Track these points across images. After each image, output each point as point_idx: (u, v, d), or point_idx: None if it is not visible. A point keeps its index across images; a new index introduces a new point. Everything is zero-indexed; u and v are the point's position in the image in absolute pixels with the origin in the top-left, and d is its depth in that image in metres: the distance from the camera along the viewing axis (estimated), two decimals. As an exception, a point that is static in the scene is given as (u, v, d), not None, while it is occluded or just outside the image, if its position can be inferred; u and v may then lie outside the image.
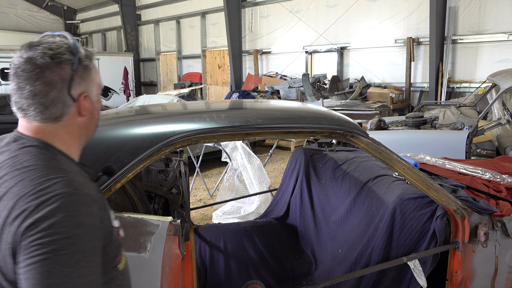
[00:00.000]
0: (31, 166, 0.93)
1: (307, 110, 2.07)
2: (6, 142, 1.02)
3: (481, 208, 2.01)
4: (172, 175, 2.69)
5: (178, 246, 1.64)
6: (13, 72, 0.99)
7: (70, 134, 1.05)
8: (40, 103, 0.98)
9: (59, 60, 0.98)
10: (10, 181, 0.92)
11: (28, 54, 0.97)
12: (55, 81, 0.97)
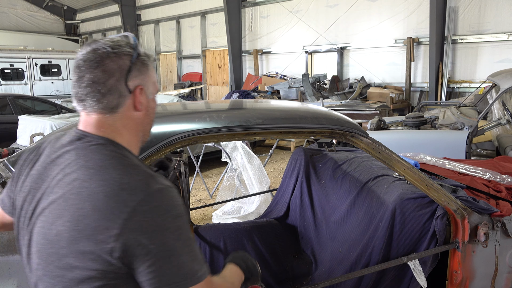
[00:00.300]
0: (108, 165, 0.96)
1: (307, 110, 2.07)
2: (69, 141, 1.04)
3: (481, 208, 2.01)
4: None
5: (178, 246, 1.64)
6: (75, 65, 1.03)
7: (127, 128, 1.07)
8: (98, 91, 1.01)
9: (118, 51, 1.02)
10: (89, 181, 0.94)
11: (91, 46, 1.02)
12: (113, 70, 1.01)
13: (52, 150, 1.06)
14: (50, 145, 1.08)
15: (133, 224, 0.89)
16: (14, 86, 13.80)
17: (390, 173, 2.40)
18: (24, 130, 6.94)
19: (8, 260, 1.57)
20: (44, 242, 0.96)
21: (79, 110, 1.06)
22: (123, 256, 0.89)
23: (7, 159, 1.93)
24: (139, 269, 0.91)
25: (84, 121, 1.05)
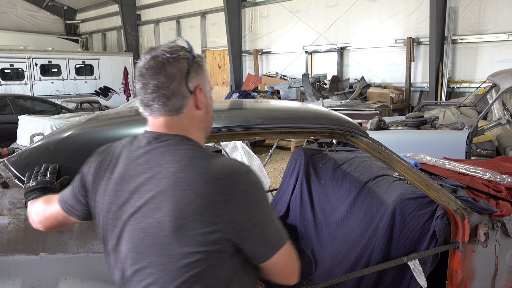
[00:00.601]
0: (196, 156, 1.06)
1: (307, 110, 2.07)
2: (147, 142, 1.11)
3: (481, 208, 2.01)
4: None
5: (178, 246, 1.64)
6: (138, 73, 1.12)
7: (194, 126, 1.15)
8: (163, 95, 1.09)
9: (177, 56, 1.10)
10: (184, 172, 1.02)
11: (150, 55, 1.11)
12: (174, 74, 1.09)
13: (131, 153, 1.13)
14: (126, 149, 1.15)
15: (235, 203, 1.01)
16: (14, 86, 13.80)
17: (390, 173, 2.40)
18: (24, 130, 6.94)
19: (8, 260, 1.57)
20: (142, 236, 1.04)
21: (145, 115, 1.14)
22: (230, 233, 1.01)
23: (7, 159, 1.93)
24: (247, 241, 1.04)
25: (152, 124, 1.13)
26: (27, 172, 1.69)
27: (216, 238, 1.00)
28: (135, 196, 1.06)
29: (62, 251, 1.59)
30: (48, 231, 1.50)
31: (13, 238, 1.59)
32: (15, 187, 1.74)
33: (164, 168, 1.04)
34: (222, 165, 1.04)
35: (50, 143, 1.86)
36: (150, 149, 1.10)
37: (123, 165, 1.12)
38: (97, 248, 1.61)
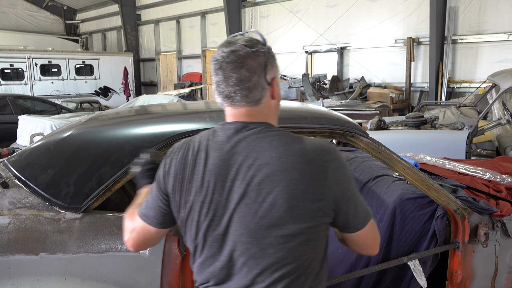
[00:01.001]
0: (290, 141, 1.13)
1: (307, 110, 2.07)
2: (234, 132, 1.15)
3: (481, 208, 2.01)
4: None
5: (178, 246, 1.64)
6: (217, 66, 1.15)
7: (271, 114, 1.22)
8: (245, 87, 1.14)
9: (256, 50, 1.15)
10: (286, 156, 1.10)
11: (229, 48, 1.14)
12: (255, 67, 1.14)
13: (221, 143, 1.15)
14: (212, 141, 1.17)
15: (333, 179, 1.12)
16: (14, 86, 13.80)
17: (390, 173, 2.40)
18: (24, 130, 6.94)
19: (8, 260, 1.57)
20: (256, 220, 1.09)
21: (224, 105, 1.19)
22: (332, 207, 1.13)
23: (7, 159, 1.94)
24: (343, 213, 1.16)
25: (233, 114, 1.18)
26: (28, 171, 1.69)
27: (323, 212, 1.12)
28: (238, 184, 1.10)
29: (62, 251, 1.59)
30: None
31: (13, 238, 1.59)
32: (15, 187, 1.74)
33: (264, 155, 1.10)
34: (314, 145, 1.14)
35: (50, 143, 1.86)
36: (241, 137, 1.14)
37: (217, 156, 1.14)
38: (97, 248, 1.61)
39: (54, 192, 1.69)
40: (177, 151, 1.21)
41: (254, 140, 1.13)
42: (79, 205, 1.67)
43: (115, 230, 1.63)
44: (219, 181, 1.12)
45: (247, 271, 1.11)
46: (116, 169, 1.70)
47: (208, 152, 1.15)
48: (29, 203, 1.69)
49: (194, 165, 1.16)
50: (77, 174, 1.70)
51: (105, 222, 1.65)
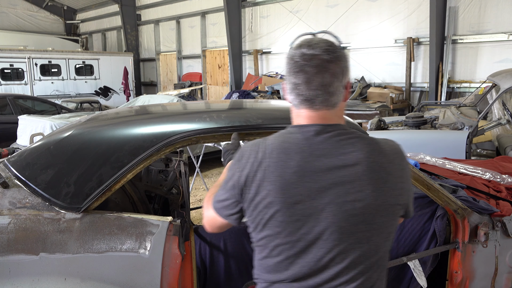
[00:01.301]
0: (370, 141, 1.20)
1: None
2: (315, 134, 1.18)
3: (481, 208, 2.01)
4: (172, 175, 2.69)
5: (178, 246, 1.64)
6: (298, 69, 1.16)
7: (342, 116, 1.26)
8: (327, 92, 1.16)
9: (338, 55, 1.17)
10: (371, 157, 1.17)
11: (311, 51, 1.15)
12: (337, 73, 1.16)
13: (303, 146, 1.17)
14: (291, 143, 1.18)
15: (407, 175, 1.23)
16: (14, 86, 13.79)
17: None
18: (24, 130, 6.94)
19: (8, 260, 1.57)
20: (345, 217, 1.14)
21: (301, 107, 1.20)
22: (406, 201, 1.23)
23: (7, 159, 1.94)
24: (409, 204, 1.26)
25: (310, 116, 1.20)
26: (28, 171, 1.69)
27: (401, 206, 1.22)
28: (328, 184, 1.14)
29: (62, 251, 1.59)
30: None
31: (13, 238, 1.59)
32: (15, 187, 1.74)
33: (351, 156, 1.16)
34: (390, 145, 1.23)
35: (50, 143, 1.86)
36: (322, 140, 1.17)
37: (301, 158, 1.16)
38: (97, 248, 1.61)
39: (54, 192, 1.69)
40: (251, 153, 1.20)
41: (337, 142, 1.17)
42: (79, 205, 1.67)
43: (115, 230, 1.63)
44: (307, 182, 1.14)
45: (332, 266, 1.16)
46: (116, 169, 1.70)
47: (290, 154, 1.16)
48: (29, 203, 1.69)
49: (276, 167, 1.16)
50: (77, 174, 1.70)
51: (105, 222, 1.65)
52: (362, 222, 1.16)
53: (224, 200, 1.25)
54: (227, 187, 1.23)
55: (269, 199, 1.16)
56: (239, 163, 1.22)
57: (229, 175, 1.24)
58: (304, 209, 1.15)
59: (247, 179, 1.18)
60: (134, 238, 1.62)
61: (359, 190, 1.14)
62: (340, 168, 1.15)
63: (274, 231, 1.17)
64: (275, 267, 1.20)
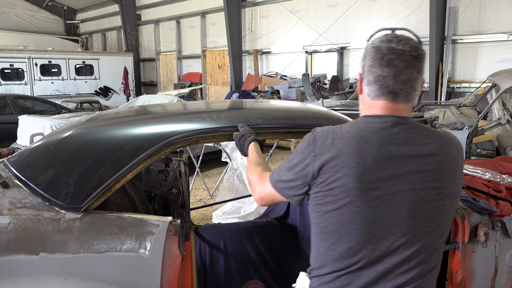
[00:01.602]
0: (439, 133, 1.30)
1: (307, 110, 2.07)
2: (392, 124, 1.23)
3: (481, 208, 2.01)
4: (172, 175, 2.69)
5: (178, 246, 1.64)
6: (387, 62, 1.21)
7: (410, 112, 1.32)
8: (411, 87, 1.24)
9: (423, 53, 1.27)
10: (443, 148, 1.26)
11: (401, 47, 1.22)
12: (422, 70, 1.26)
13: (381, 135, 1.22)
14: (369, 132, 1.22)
15: (463, 166, 1.33)
16: (14, 86, 13.79)
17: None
18: (24, 130, 6.94)
19: (8, 260, 1.57)
20: (419, 203, 1.21)
21: (380, 98, 1.24)
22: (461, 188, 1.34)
23: (7, 159, 1.94)
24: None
25: (388, 107, 1.25)
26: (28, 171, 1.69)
27: (460, 192, 1.33)
28: (405, 172, 1.20)
29: (62, 251, 1.59)
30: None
31: (13, 238, 1.59)
32: (15, 187, 1.74)
33: (427, 147, 1.23)
34: (454, 138, 1.32)
35: (50, 143, 1.86)
36: (400, 130, 1.23)
37: (381, 146, 1.20)
38: (97, 248, 1.61)
39: (54, 192, 1.69)
40: (327, 139, 1.24)
41: (413, 133, 1.23)
42: (79, 205, 1.67)
43: (115, 230, 1.63)
44: (385, 169, 1.19)
45: (402, 251, 1.22)
46: (116, 169, 1.70)
47: (369, 142, 1.21)
48: (29, 203, 1.69)
49: (356, 154, 1.19)
50: (77, 174, 1.70)
51: (105, 222, 1.65)
52: (434, 209, 1.23)
53: (290, 181, 1.28)
54: (297, 169, 1.26)
55: (348, 185, 1.18)
56: (312, 147, 1.24)
57: (299, 157, 1.26)
58: (381, 195, 1.19)
59: (324, 164, 1.21)
60: (134, 238, 1.62)
61: (434, 179, 1.22)
62: (417, 158, 1.21)
63: (349, 216, 1.20)
64: (345, 253, 1.22)
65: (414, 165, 1.21)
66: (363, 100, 1.30)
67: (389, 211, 1.20)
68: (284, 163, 1.34)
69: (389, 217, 1.20)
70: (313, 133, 1.28)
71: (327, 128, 1.27)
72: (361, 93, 1.31)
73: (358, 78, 1.30)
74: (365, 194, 1.18)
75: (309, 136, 1.28)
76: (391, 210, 1.20)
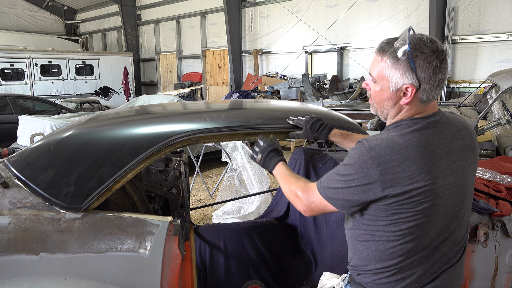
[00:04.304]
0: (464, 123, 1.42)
1: (307, 110, 2.07)
2: (441, 120, 1.32)
3: (481, 208, 2.01)
4: (172, 175, 2.69)
5: (178, 246, 1.64)
6: (445, 65, 1.26)
7: None
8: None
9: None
10: (466, 139, 1.37)
11: (442, 47, 1.27)
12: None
13: (439, 135, 1.30)
14: (434, 134, 1.29)
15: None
16: (14, 86, 13.80)
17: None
18: (24, 130, 6.94)
19: (8, 260, 1.57)
20: (463, 191, 1.35)
21: (434, 99, 1.31)
22: None
23: (7, 159, 1.94)
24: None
25: (434, 105, 1.34)
26: (28, 171, 1.69)
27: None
28: (459, 164, 1.33)
29: (62, 251, 1.59)
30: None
31: (13, 238, 1.59)
32: (15, 187, 1.74)
33: (467, 138, 1.36)
34: (463, 120, 1.44)
35: (50, 143, 1.86)
36: (445, 125, 1.33)
37: (444, 145, 1.29)
38: (97, 248, 1.61)
39: (54, 192, 1.69)
40: (392, 152, 1.24)
41: (452, 124, 1.35)
42: (79, 205, 1.67)
43: (115, 230, 1.63)
44: (450, 164, 1.29)
45: (457, 226, 1.37)
46: (116, 169, 1.70)
47: (434, 143, 1.28)
48: (29, 203, 1.69)
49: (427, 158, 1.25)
50: (77, 174, 1.70)
51: (105, 222, 1.65)
52: (469, 196, 1.41)
53: (349, 199, 1.29)
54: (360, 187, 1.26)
55: (425, 189, 1.23)
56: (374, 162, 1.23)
57: (355, 171, 1.26)
58: (451, 190, 1.29)
59: (394, 176, 1.22)
60: (134, 238, 1.62)
61: (466, 169, 1.36)
62: (461, 149, 1.33)
63: (426, 219, 1.26)
64: (415, 247, 1.31)
65: (460, 156, 1.33)
66: (411, 105, 1.31)
67: (458, 202, 1.34)
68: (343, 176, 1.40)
69: (454, 208, 1.33)
70: (373, 148, 1.27)
71: (385, 140, 1.28)
72: (409, 104, 1.31)
73: (410, 90, 1.27)
74: (439, 193, 1.26)
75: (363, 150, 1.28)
76: (460, 200, 1.35)
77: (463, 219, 1.39)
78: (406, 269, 1.31)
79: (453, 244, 1.36)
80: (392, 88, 1.30)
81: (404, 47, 1.23)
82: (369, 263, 1.35)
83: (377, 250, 1.32)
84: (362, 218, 1.33)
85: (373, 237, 1.32)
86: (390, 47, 1.28)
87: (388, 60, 1.28)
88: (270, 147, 1.62)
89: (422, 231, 1.28)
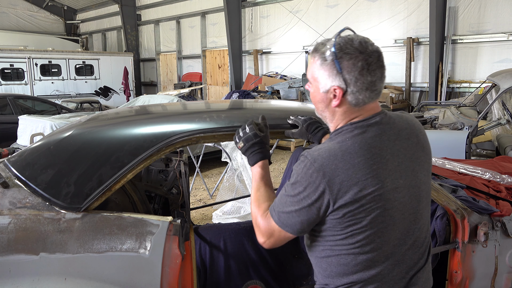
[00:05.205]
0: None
1: (307, 110, 2.07)
2: (382, 121, 1.28)
3: (481, 208, 2.01)
4: (172, 175, 2.69)
5: (178, 246, 1.64)
6: (375, 66, 1.22)
7: None
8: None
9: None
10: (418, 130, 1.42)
11: (375, 48, 1.24)
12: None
13: (382, 137, 1.26)
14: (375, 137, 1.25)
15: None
16: (14, 86, 13.79)
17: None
18: (24, 130, 6.94)
19: (8, 260, 1.57)
20: (418, 193, 1.32)
21: (370, 102, 1.26)
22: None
23: (7, 159, 1.94)
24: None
25: (373, 107, 1.29)
26: (28, 171, 1.69)
27: None
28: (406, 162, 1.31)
29: (62, 251, 1.59)
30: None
31: (13, 238, 1.59)
32: (15, 187, 1.74)
33: (413, 137, 1.36)
34: (407, 115, 1.44)
35: (50, 143, 1.86)
36: (389, 125, 1.29)
37: (388, 147, 1.26)
38: (97, 248, 1.61)
39: (54, 192, 1.69)
40: (331, 162, 1.20)
41: (395, 124, 1.31)
42: (79, 205, 1.67)
43: (115, 230, 1.63)
44: (398, 166, 1.27)
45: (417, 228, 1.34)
46: (116, 169, 1.70)
47: (378, 147, 1.24)
48: (29, 203, 1.69)
49: (372, 162, 1.22)
50: (77, 174, 1.70)
51: (105, 222, 1.65)
52: (426, 191, 1.39)
53: (305, 220, 1.23)
54: (313, 204, 1.20)
55: (375, 194, 1.19)
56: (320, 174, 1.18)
57: (304, 188, 1.20)
58: (403, 192, 1.26)
59: (341, 186, 1.16)
60: (134, 238, 1.62)
61: (419, 171, 1.34)
62: (408, 149, 1.30)
63: (381, 225, 1.23)
64: (376, 257, 1.27)
65: (408, 157, 1.30)
66: (346, 109, 1.25)
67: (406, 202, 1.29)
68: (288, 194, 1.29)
69: (412, 208, 1.31)
70: (311, 160, 1.20)
71: (322, 151, 1.21)
72: (339, 106, 1.25)
73: (338, 92, 1.22)
74: (390, 197, 1.22)
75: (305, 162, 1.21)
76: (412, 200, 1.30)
77: (422, 221, 1.34)
78: (374, 280, 1.27)
79: (416, 246, 1.33)
80: (321, 89, 1.26)
81: (331, 48, 1.21)
82: (335, 280, 1.29)
83: (339, 265, 1.27)
84: (319, 234, 1.28)
85: (333, 252, 1.27)
86: (322, 48, 1.26)
87: (318, 61, 1.25)
88: (255, 138, 1.49)
89: (381, 239, 1.23)
